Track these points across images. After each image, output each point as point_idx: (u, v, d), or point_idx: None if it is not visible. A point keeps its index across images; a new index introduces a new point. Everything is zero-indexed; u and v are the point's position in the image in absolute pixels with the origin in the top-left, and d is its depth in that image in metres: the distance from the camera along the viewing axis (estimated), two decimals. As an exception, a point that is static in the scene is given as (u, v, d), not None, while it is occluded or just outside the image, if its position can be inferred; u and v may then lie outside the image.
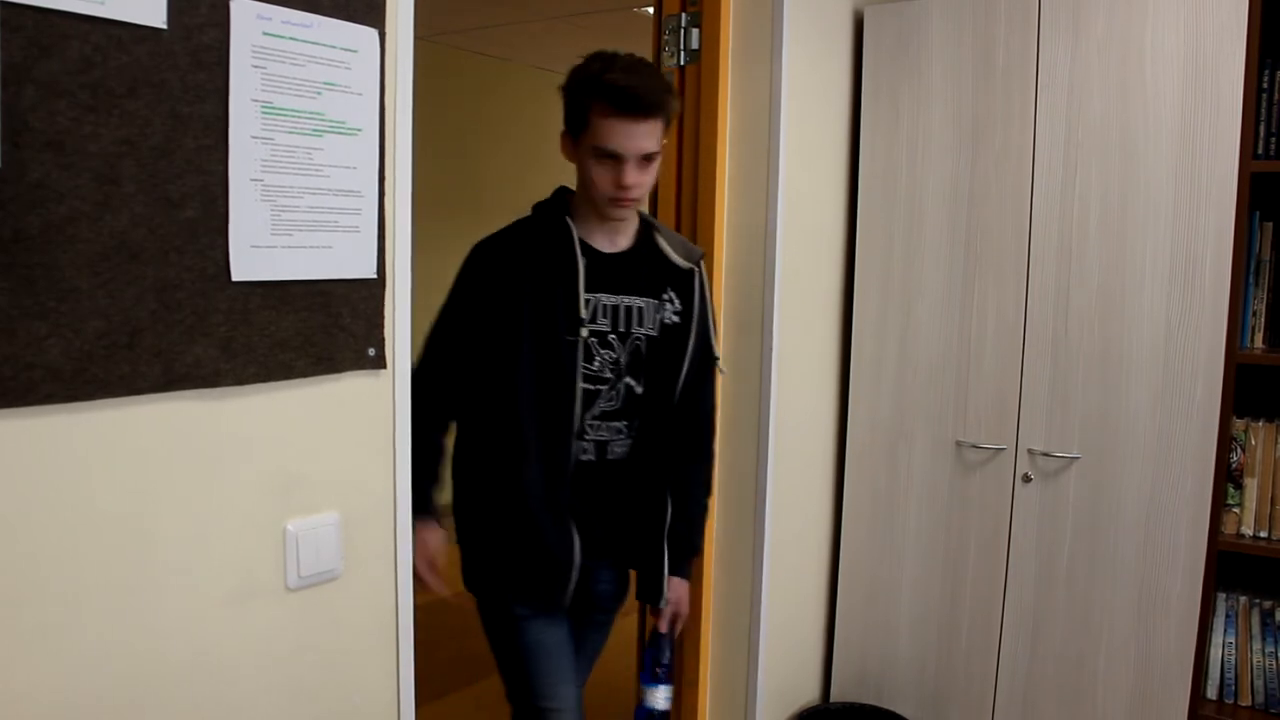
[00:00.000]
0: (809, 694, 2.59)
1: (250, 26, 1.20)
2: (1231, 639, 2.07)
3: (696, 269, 1.69)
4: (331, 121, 1.31)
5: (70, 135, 1.05)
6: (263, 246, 1.24)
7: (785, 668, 2.44)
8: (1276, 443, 2.00)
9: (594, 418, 1.61)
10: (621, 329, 1.60)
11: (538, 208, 1.66)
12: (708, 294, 1.72)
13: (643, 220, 1.67)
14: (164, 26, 1.12)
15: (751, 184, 2.23)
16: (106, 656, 1.14)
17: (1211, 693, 2.08)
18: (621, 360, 1.61)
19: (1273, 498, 2.01)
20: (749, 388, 2.24)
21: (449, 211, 4.94)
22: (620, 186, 1.50)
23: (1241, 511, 2.04)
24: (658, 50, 2.28)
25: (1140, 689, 2.11)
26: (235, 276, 1.22)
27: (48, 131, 1.03)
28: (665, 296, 1.65)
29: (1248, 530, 2.04)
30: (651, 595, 1.76)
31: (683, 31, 2.23)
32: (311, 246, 1.30)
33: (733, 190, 2.26)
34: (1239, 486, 2.04)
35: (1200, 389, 2.01)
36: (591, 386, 1.58)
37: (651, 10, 2.36)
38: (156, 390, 1.15)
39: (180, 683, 1.21)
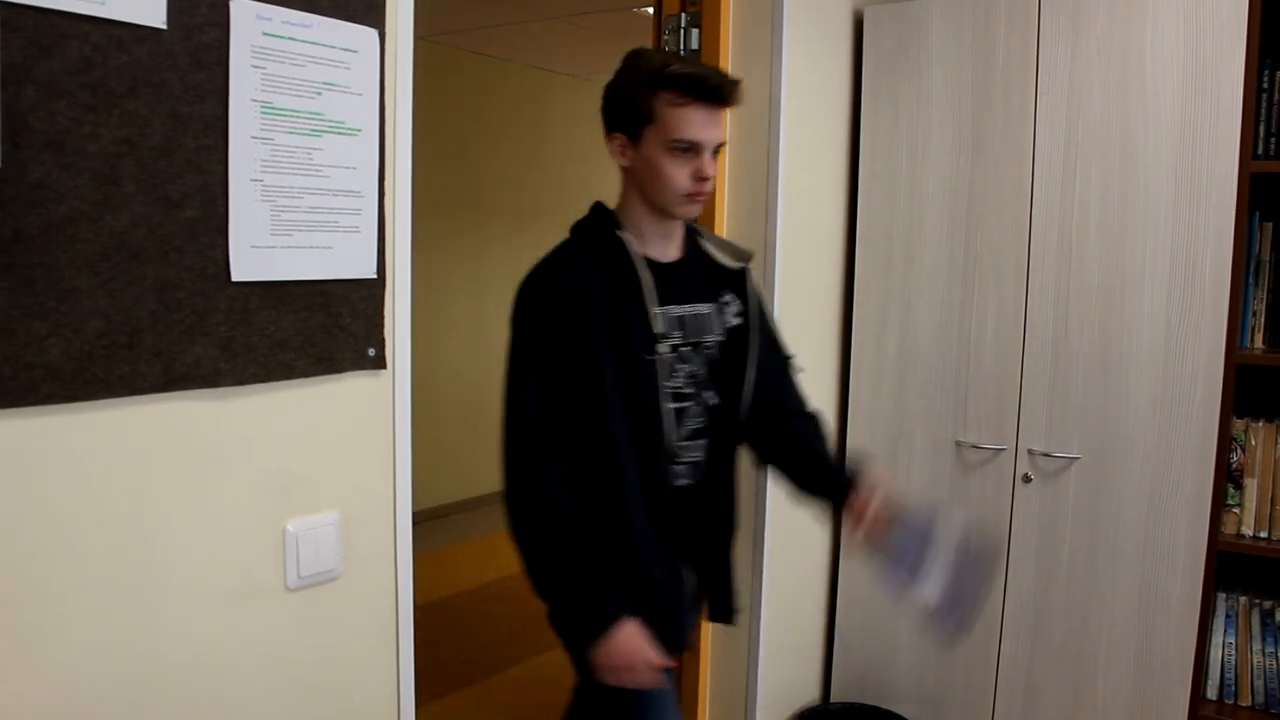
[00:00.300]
0: (809, 694, 2.59)
1: (250, 26, 1.20)
2: (1231, 639, 2.07)
3: (747, 267, 1.62)
4: (331, 121, 1.31)
5: (70, 135, 1.05)
6: (263, 246, 1.24)
7: (785, 668, 2.44)
8: (1276, 443, 2.00)
9: (684, 439, 1.52)
10: (693, 339, 1.52)
11: (580, 227, 1.54)
12: (761, 292, 1.65)
13: (687, 227, 1.60)
14: (164, 26, 1.12)
15: (751, 184, 2.23)
16: (106, 656, 1.14)
17: (1211, 693, 2.08)
18: (700, 373, 1.53)
19: (1273, 498, 2.01)
20: (749, 388, 2.24)
21: (449, 211, 4.95)
22: (699, 179, 1.43)
23: (1241, 512, 2.04)
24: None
25: (1140, 689, 2.11)
26: (235, 276, 1.22)
27: (48, 131, 1.03)
28: (724, 299, 1.58)
29: (1248, 530, 2.04)
30: (723, 614, 1.65)
31: (683, 31, 2.23)
32: (311, 247, 1.30)
33: (733, 190, 2.26)
34: (1239, 487, 2.04)
35: (1200, 389, 2.01)
36: (677, 405, 1.49)
37: (651, 10, 2.36)
38: (156, 390, 1.15)
39: (180, 683, 1.21)
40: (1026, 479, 2.24)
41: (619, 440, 1.43)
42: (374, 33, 1.36)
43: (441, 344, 5.00)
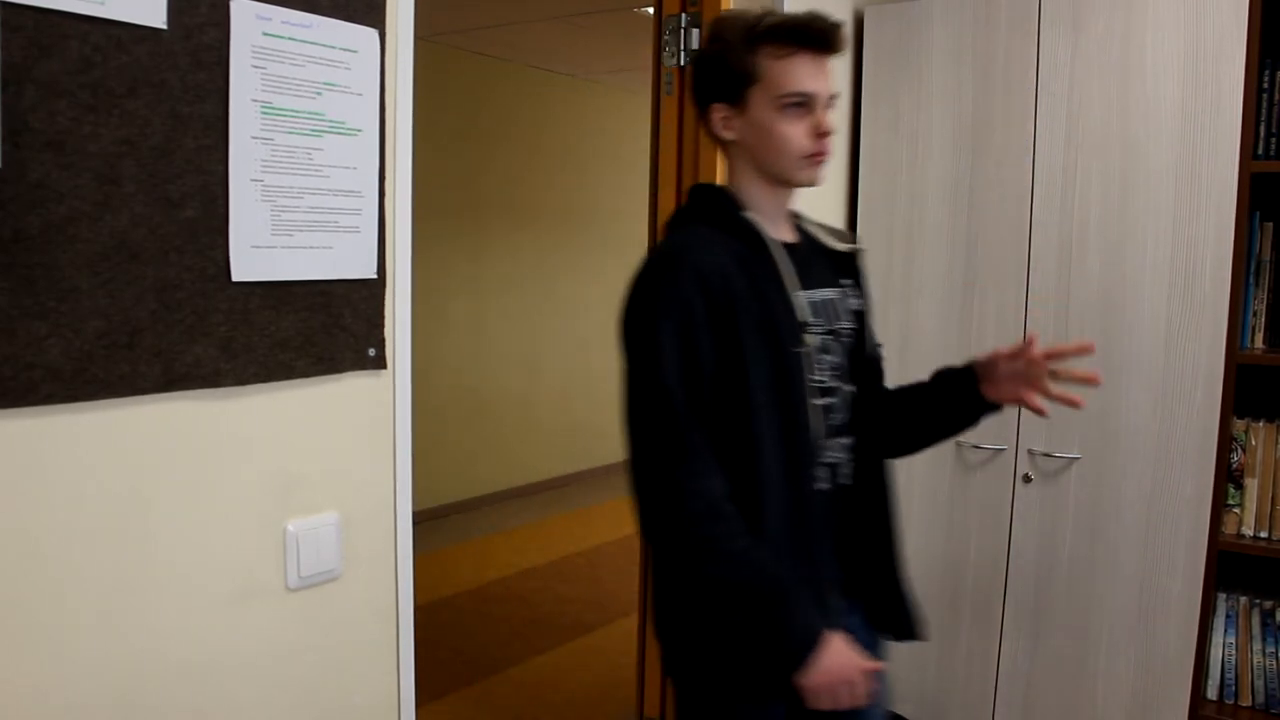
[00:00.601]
0: (809, 694, 2.58)
1: (250, 26, 1.20)
2: (1232, 639, 2.06)
3: (860, 249, 1.48)
4: (331, 122, 1.31)
5: (70, 135, 1.05)
6: (263, 247, 1.24)
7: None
8: (1277, 443, 2.00)
9: (826, 438, 1.34)
10: (832, 327, 1.37)
11: (690, 214, 1.38)
12: None
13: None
14: (164, 26, 1.12)
15: (751, 184, 2.23)
16: (107, 656, 1.14)
17: (1212, 693, 2.08)
18: (841, 363, 1.38)
19: (1273, 498, 2.01)
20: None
21: (448, 211, 4.95)
22: (820, 134, 1.28)
23: (1242, 512, 2.04)
24: (658, 50, 2.28)
25: (1140, 689, 2.11)
26: (235, 276, 1.22)
27: (48, 131, 1.03)
28: (844, 283, 1.43)
29: (1248, 530, 2.04)
30: (905, 630, 1.48)
31: (683, 31, 2.23)
32: (312, 247, 1.30)
33: (733, 190, 2.25)
34: (1239, 487, 2.04)
35: (1200, 389, 2.01)
36: (823, 401, 1.33)
37: (651, 10, 2.36)
38: (157, 390, 1.15)
39: (180, 683, 1.21)
40: (1026, 479, 2.24)
41: (764, 441, 1.25)
42: (374, 33, 1.36)
43: (441, 344, 5.00)
